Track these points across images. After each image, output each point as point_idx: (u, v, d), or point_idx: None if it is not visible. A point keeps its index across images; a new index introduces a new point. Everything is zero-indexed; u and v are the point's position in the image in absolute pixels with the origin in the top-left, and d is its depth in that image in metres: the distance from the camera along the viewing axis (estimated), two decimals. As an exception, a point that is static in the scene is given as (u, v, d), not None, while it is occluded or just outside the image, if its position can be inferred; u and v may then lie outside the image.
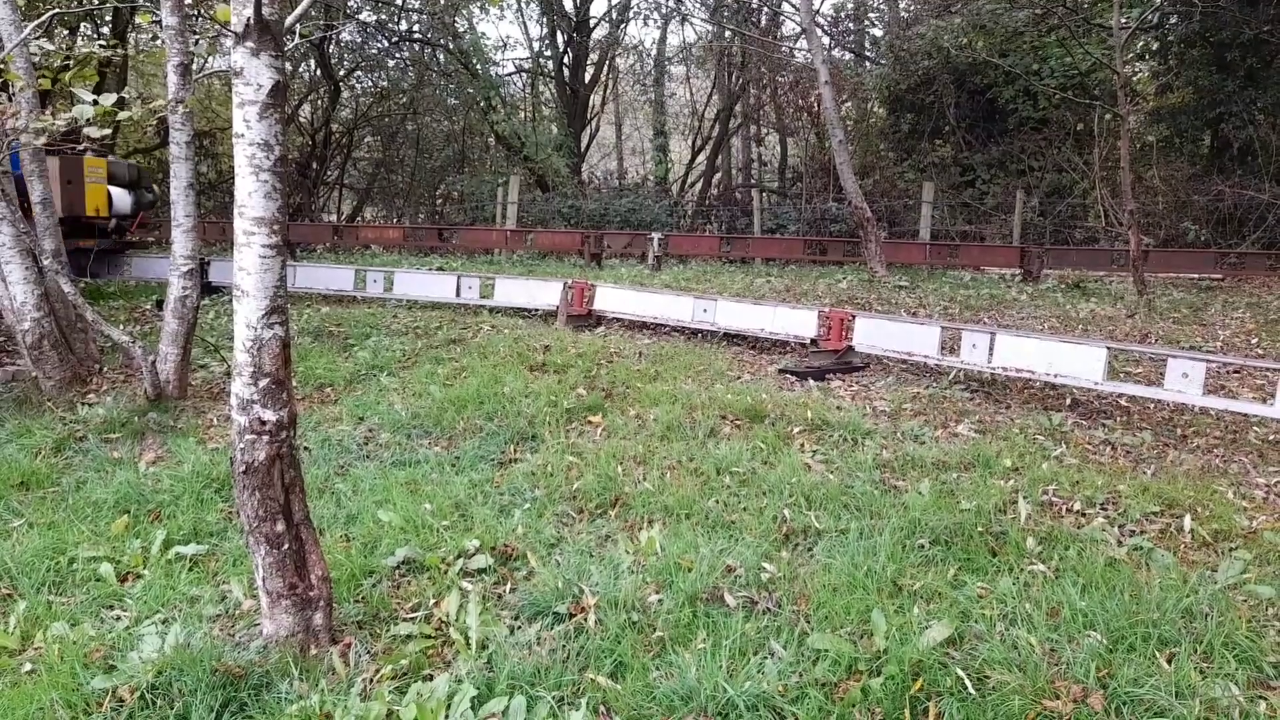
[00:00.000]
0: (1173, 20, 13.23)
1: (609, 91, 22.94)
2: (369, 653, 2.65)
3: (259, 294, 2.47)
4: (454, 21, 17.48)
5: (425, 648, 2.66)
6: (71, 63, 5.91)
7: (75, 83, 4.56)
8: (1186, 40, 13.33)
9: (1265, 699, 2.35)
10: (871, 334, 5.74)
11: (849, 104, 17.82)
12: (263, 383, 2.49)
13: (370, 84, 19.46)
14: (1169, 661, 2.49)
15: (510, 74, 20.80)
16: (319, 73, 17.55)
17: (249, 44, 2.38)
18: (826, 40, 17.95)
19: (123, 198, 9.37)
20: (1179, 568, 3.06)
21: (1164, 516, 3.53)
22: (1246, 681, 2.42)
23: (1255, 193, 11.53)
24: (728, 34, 18.15)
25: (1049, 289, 9.66)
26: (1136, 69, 15.07)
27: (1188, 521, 3.44)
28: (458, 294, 8.01)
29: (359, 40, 17.96)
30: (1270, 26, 11.52)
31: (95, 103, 4.13)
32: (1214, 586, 2.90)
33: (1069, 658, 2.50)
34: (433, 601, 2.93)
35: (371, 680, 2.49)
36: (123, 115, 4.72)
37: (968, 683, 2.39)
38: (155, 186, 10.14)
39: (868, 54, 18.73)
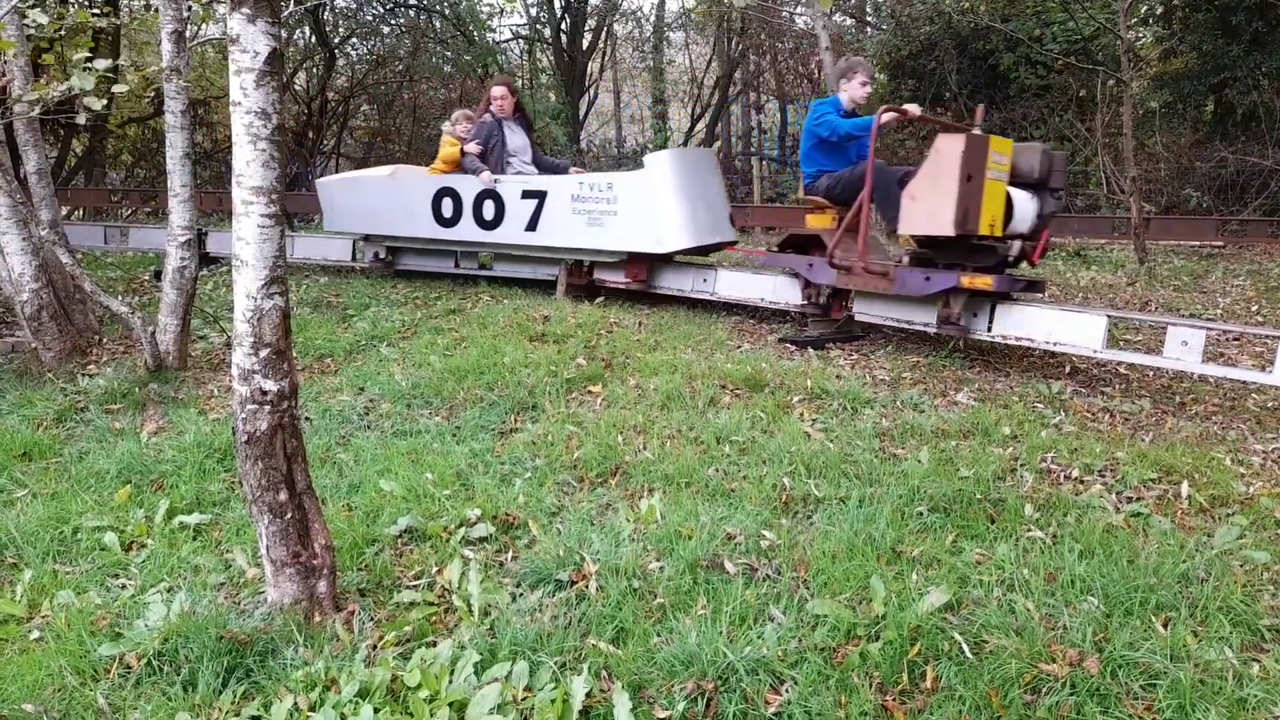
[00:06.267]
0: (1178, -17, 13.07)
1: (607, 58, 22.71)
2: (373, 620, 2.68)
3: (258, 264, 2.46)
4: (449, -13, 17.26)
5: (428, 615, 2.69)
6: (64, 32, 5.84)
7: (69, 52, 4.51)
8: (1191, 4, 13.16)
9: (1259, 661, 2.38)
10: (872, 303, 5.72)
11: (850, 70, 17.63)
12: (263, 353, 2.49)
13: (366, 51, 19.24)
14: (1165, 626, 2.52)
15: (507, 41, 20.57)
16: (314, 40, 17.34)
17: (245, 10, 2.35)
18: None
19: (1025, 205, 5.04)
20: (1176, 534, 3.09)
21: (1162, 483, 3.55)
22: (1240, 645, 2.45)
23: (1258, 159, 11.45)
24: (727, -1, 17.93)
25: (1049, 257, 9.63)
26: (1140, 34, 14.90)
27: (1185, 488, 3.46)
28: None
29: (354, 6, 17.72)
30: (1277, -10, 11.37)
31: (88, 67, 4.09)
32: (1210, 552, 2.93)
33: (1066, 622, 2.53)
34: (435, 569, 2.96)
35: (376, 647, 2.52)
36: (118, 88, 4.67)
37: (965, 647, 2.42)
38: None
39: (869, 19, 18.50)
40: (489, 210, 7.12)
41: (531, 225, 6.92)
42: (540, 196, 6.85)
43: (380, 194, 7.84)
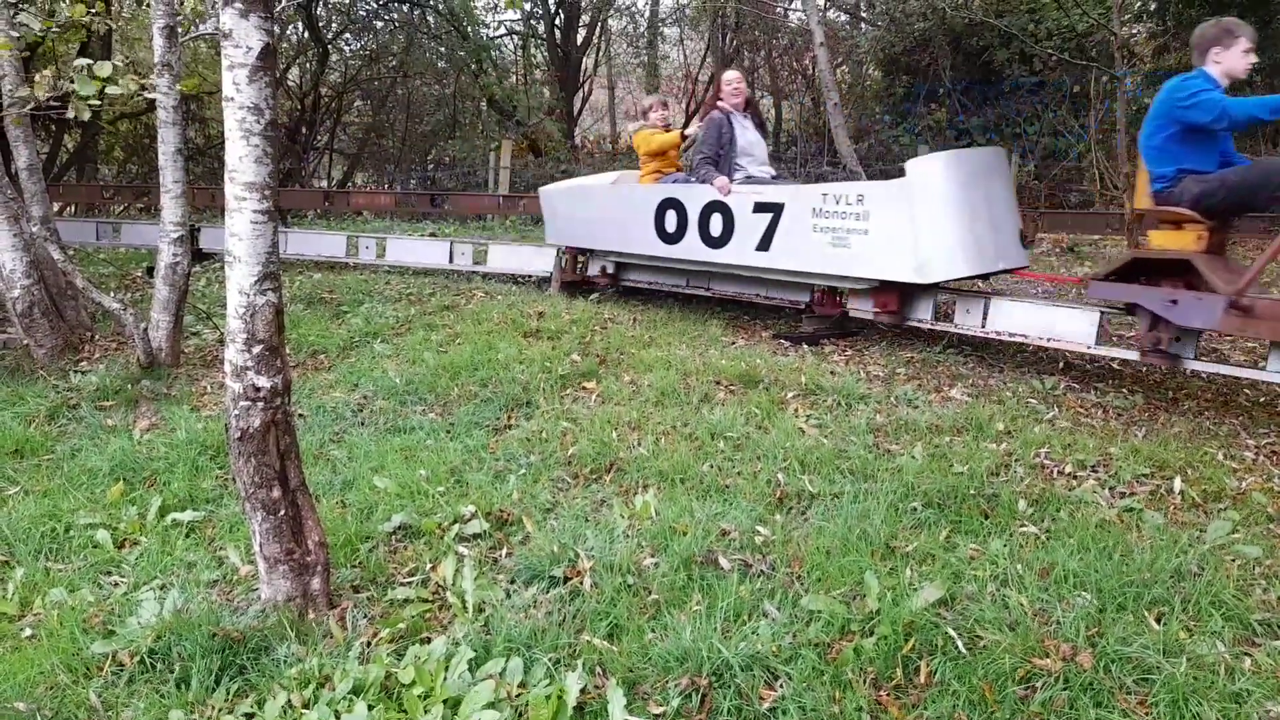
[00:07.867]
0: (1171, -20, 13.07)
1: (601, 54, 22.66)
2: (366, 617, 2.68)
3: (251, 260, 2.45)
4: (443, -18, 17.20)
5: (422, 611, 2.69)
6: (55, 29, 5.81)
7: (61, 48, 4.49)
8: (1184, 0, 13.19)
9: (1250, 655, 2.39)
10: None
11: (844, 67, 17.63)
12: (256, 349, 2.48)
13: (359, 47, 19.17)
14: (1158, 621, 2.53)
15: (501, 36, 20.51)
16: (307, 35, 17.28)
17: (238, 5, 2.34)
18: (821, 1, 17.72)
19: None
20: (1169, 529, 3.09)
21: (1154, 478, 3.56)
22: (1233, 639, 2.46)
23: (1251, 155, 11.48)
24: (721, -6, 17.88)
25: (1043, 253, 9.64)
26: (1134, 30, 14.93)
27: (1178, 483, 3.47)
28: (450, 260, 7.98)
29: (347, 1, 17.66)
30: (1269, -14, 11.39)
31: (86, 69, 4.07)
32: (1203, 547, 2.94)
33: (1059, 618, 2.53)
34: (429, 566, 2.95)
35: (370, 643, 2.52)
36: (113, 90, 4.64)
37: (959, 642, 2.42)
38: None
39: (863, 15, 18.50)
40: (716, 225, 6.03)
41: (764, 244, 5.78)
42: (775, 210, 5.67)
43: (603, 204, 7.01)
